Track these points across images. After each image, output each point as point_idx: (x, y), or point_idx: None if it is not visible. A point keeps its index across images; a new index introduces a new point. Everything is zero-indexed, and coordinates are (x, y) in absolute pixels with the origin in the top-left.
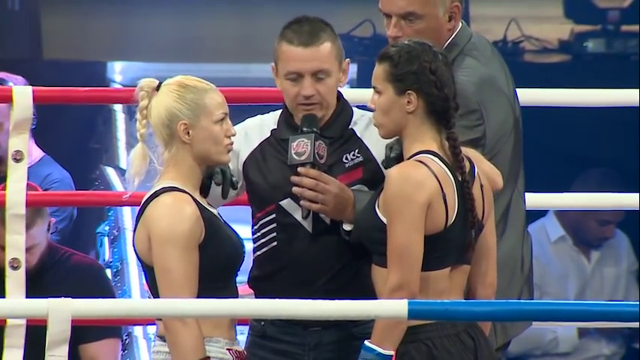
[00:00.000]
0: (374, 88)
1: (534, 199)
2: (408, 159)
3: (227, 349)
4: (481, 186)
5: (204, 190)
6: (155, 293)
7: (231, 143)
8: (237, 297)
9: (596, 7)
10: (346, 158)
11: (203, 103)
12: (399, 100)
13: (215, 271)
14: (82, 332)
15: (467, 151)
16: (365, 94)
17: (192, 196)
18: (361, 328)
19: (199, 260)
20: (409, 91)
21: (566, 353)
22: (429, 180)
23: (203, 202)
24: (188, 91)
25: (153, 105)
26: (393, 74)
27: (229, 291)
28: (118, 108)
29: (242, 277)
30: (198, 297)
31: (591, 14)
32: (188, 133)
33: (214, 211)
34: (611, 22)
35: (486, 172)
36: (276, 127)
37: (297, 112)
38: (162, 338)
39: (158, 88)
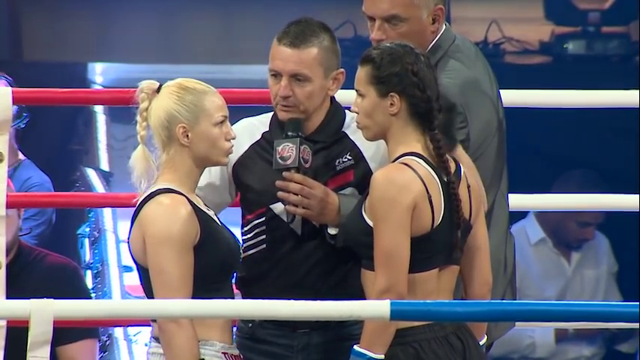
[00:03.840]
0: (357, 91)
1: (516, 200)
2: (393, 161)
3: (222, 352)
4: (468, 186)
5: None
6: (150, 295)
7: (231, 146)
8: (232, 298)
9: (577, 9)
10: (338, 162)
11: (202, 106)
12: (382, 103)
13: (211, 273)
14: (60, 334)
15: (461, 157)
16: (345, 95)
17: (188, 198)
18: (350, 329)
19: (195, 262)
20: (392, 94)
21: (543, 358)
22: (413, 182)
23: (200, 203)
24: (188, 93)
25: (153, 107)
26: (376, 77)
27: (225, 292)
28: (99, 109)
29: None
30: (193, 299)
31: (572, 16)
32: (187, 135)
33: (210, 212)
34: (592, 24)
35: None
36: (266, 129)
37: (277, 110)
38: (157, 340)
39: (158, 90)
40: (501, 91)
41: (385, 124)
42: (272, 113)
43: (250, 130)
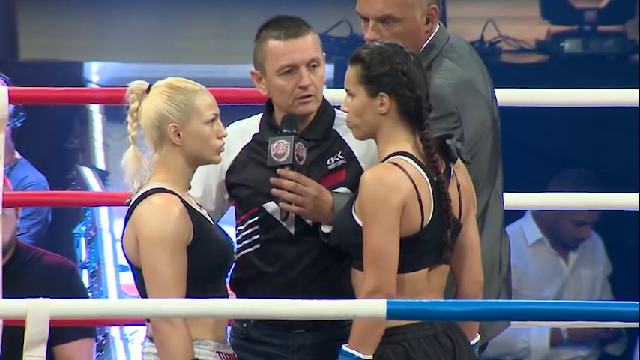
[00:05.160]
0: (346, 90)
1: (513, 199)
2: (383, 161)
3: (217, 351)
4: (458, 185)
5: None
6: (144, 295)
7: (223, 144)
8: (226, 297)
9: (573, 8)
10: (329, 161)
11: (193, 104)
12: (371, 102)
13: (204, 273)
14: (57, 333)
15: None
16: (342, 94)
17: (181, 198)
18: (345, 329)
19: (188, 261)
20: (382, 93)
21: None
22: (402, 182)
23: (192, 203)
24: (178, 92)
25: (143, 107)
26: (366, 76)
27: (219, 292)
28: (95, 108)
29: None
30: (187, 298)
31: (568, 15)
32: (178, 135)
33: (203, 212)
34: (588, 23)
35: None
36: (257, 131)
37: (294, 107)
38: (152, 339)
39: (148, 90)
40: (497, 90)
41: (375, 123)
42: (261, 115)
43: (241, 133)
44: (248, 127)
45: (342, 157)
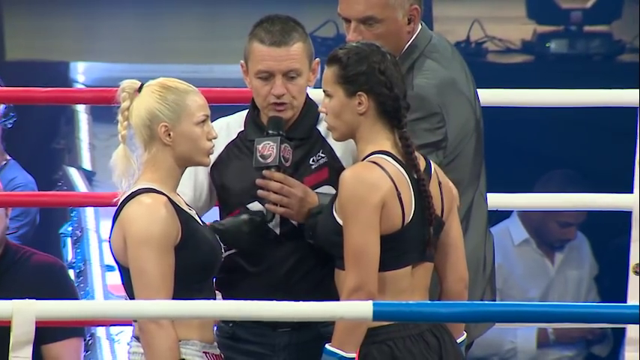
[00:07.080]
0: (324, 91)
1: (498, 200)
2: (362, 160)
3: (204, 352)
4: (439, 183)
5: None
6: (131, 295)
7: (213, 146)
8: (214, 299)
9: (559, 8)
10: (312, 160)
11: (184, 105)
12: (349, 102)
13: (192, 273)
14: (45, 332)
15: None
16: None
17: (169, 198)
18: (331, 328)
19: (176, 262)
20: (359, 93)
21: None
22: (382, 180)
23: (181, 203)
24: (170, 92)
25: (134, 106)
26: (343, 76)
27: (206, 293)
28: (81, 108)
29: None
30: (174, 299)
31: (554, 15)
32: (169, 135)
33: (192, 212)
34: (574, 23)
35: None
36: (242, 128)
37: (267, 111)
38: (138, 339)
39: (140, 89)
40: (483, 91)
41: (354, 123)
42: (246, 112)
43: (225, 130)
44: (233, 124)
45: (323, 155)
